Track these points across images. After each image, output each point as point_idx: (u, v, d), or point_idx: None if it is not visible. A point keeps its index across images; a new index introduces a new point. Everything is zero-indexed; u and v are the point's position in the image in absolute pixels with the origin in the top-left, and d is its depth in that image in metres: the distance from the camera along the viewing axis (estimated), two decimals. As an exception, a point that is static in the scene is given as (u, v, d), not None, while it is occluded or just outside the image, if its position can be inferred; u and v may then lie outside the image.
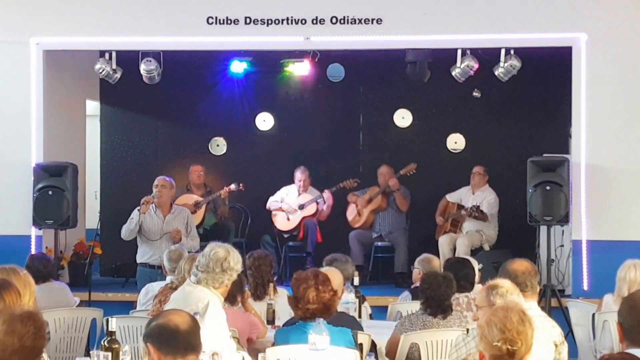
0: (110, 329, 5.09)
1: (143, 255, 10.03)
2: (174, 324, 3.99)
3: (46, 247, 10.47)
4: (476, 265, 7.85)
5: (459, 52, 10.57)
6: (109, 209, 12.64)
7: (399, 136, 12.96)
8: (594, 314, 7.85)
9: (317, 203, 11.98)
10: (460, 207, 11.58)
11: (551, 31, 10.33)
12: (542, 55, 10.96)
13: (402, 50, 11.33)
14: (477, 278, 7.65)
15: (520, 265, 5.89)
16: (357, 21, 10.47)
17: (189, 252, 8.18)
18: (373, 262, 12.02)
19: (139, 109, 13.11)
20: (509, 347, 3.90)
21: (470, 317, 6.82)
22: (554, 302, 9.78)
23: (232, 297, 6.77)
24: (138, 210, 9.97)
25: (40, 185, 10.41)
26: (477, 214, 11.18)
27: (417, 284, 7.77)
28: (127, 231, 10.03)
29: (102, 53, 11.01)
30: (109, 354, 5.03)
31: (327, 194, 11.93)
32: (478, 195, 11.53)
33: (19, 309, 4.01)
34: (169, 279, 7.66)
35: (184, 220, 10.22)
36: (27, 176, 10.53)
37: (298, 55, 12.02)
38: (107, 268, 12.45)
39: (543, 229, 10.36)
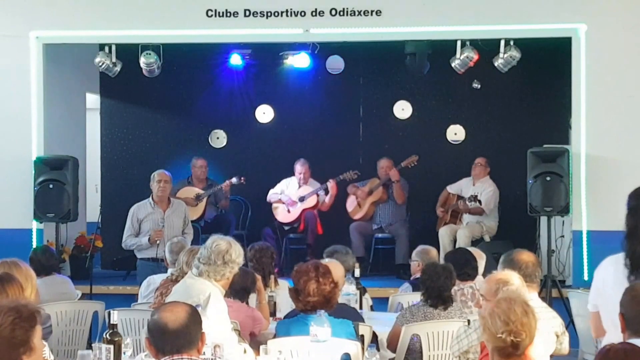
0: (112, 322, 5.10)
1: (144, 250, 10.06)
2: (163, 322, 3.99)
3: (47, 241, 10.48)
4: (482, 257, 7.85)
5: (459, 43, 10.56)
6: (109, 202, 12.66)
7: (399, 128, 12.96)
8: (594, 304, 7.85)
9: (318, 195, 11.99)
10: (460, 198, 11.59)
11: (551, 22, 10.32)
12: (542, 46, 10.96)
13: (401, 42, 11.33)
14: (481, 269, 7.65)
15: (526, 256, 5.90)
16: (357, 13, 10.46)
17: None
18: (374, 253, 12.03)
19: (139, 102, 13.12)
20: (513, 338, 3.91)
21: (474, 307, 6.84)
22: (554, 292, 9.80)
23: (244, 292, 6.79)
24: (148, 239, 9.97)
25: (41, 179, 10.42)
26: (475, 202, 11.18)
27: (417, 276, 7.79)
28: (130, 248, 10.11)
29: (101, 46, 11.00)
30: (111, 346, 5.05)
31: (331, 183, 11.92)
32: (478, 187, 11.53)
33: (5, 301, 4.01)
34: (169, 271, 7.67)
35: (183, 214, 10.25)
36: (28, 170, 10.53)
37: (297, 47, 12.04)
38: (108, 261, 12.45)
39: (543, 220, 10.37)
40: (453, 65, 10.72)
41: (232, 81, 12.93)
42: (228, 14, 10.54)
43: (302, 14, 10.48)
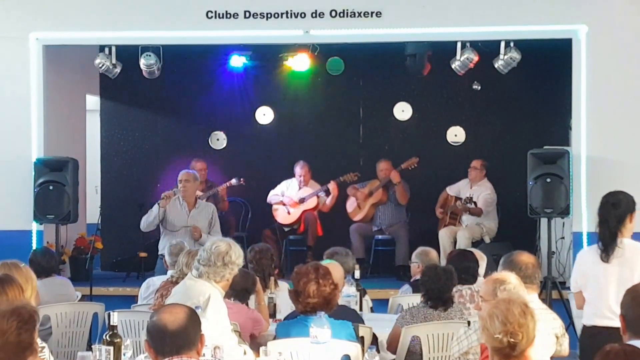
0: (111, 323, 5.09)
1: (165, 246, 10.04)
2: (162, 323, 3.98)
3: (47, 242, 10.47)
4: (483, 258, 7.82)
5: (459, 45, 10.56)
6: (109, 204, 12.65)
7: (399, 129, 12.96)
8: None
9: (318, 197, 11.98)
10: (458, 199, 11.59)
11: (551, 23, 10.31)
12: (542, 47, 10.95)
13: (401, 43, 11.33)
14: (482, 271, 7.63)
15: (526, 257, 5.90)
16: (357, 14, 10.45)
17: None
18: (374, 255, 12.02)
19: (139, 103, 13.12)
20: (511, 339, 3.90)
21: (473, 309, 6.83)
22: (554, 294, 9.78)
23: (245, 293, 6.78)
24: (158, 204, 10.01)
25: (40, 180, 10.42)
26: (470, 204, 11.17)
27: (417, 277, 7.77)
28: (145, 223, 10.15)
29: (102, 48, 11.00)
30: (111, 348, 5.03)
31: (332, 184, 11.91)
32: (475, 190, 11.52)
33: (4, 305, 4.01)
34: (169, 273, 7.67)
35: (209, 215, 10.26)
36: (28, 171, 10.53)
37: (297, 48, 12.04)
38: (108, 262, 12.44)
39: (544, 221, 10.36)
40: (453, 66, 10.73)
41: (232, 82, 12.93)
42: (228, 16, 10.54)
43: (302, 15, 10.48)
